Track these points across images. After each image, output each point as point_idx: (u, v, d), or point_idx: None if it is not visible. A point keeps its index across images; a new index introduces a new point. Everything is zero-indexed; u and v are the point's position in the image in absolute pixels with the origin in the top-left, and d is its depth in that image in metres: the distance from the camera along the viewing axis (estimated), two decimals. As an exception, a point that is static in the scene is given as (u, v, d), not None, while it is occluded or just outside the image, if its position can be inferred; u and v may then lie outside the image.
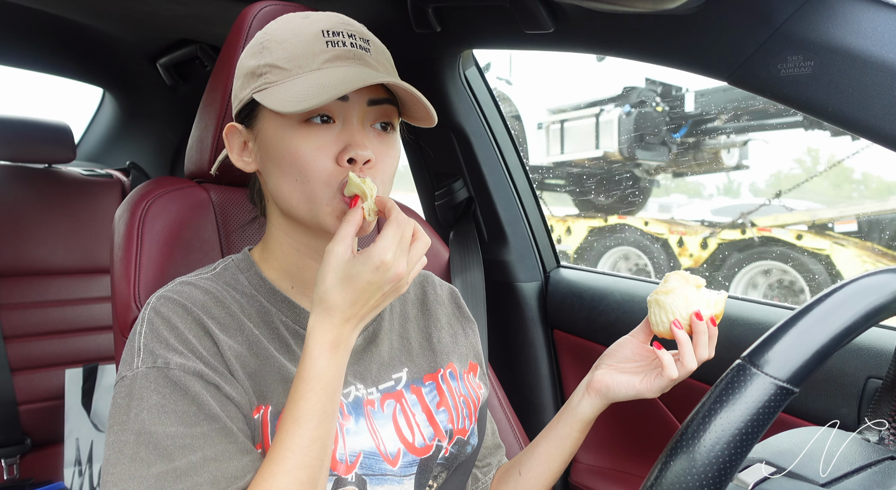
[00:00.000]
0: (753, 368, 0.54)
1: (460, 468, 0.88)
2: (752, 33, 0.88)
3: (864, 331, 0.57)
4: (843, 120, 0.84)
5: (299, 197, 0.74)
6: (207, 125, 0.99)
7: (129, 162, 2.27)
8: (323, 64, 0.73)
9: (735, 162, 5.39)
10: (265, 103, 0.72)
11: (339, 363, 0.69)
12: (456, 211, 1.62)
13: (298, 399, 0.68)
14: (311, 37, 0.74)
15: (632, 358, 0.89)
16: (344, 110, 0.74)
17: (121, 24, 1.93)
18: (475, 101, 1.55)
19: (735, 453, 0.51)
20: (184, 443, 0.66)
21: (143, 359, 0.70)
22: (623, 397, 0.87)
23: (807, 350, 0.54)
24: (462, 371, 0.93)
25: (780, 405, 0.52)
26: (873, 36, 0.79)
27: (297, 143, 0.73)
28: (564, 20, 1.12)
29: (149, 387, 0.68)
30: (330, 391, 0.68)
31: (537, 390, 1.59)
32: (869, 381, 1.04)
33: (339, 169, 0.73)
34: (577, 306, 1.52)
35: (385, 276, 0.67)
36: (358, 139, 0.73)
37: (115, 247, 0.97)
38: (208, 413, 0.68)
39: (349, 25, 0.77)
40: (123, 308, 0.92)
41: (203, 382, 0.70)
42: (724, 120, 5.14)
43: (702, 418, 0.52)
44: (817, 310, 0.57)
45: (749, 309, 1.24)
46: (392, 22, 1.37)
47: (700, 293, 0.84)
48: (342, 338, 0.69)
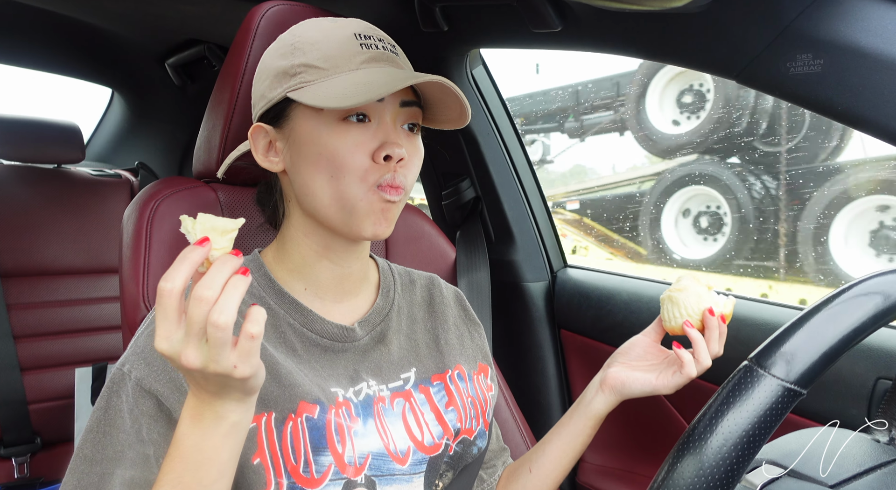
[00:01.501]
0: (761, 370, 0.53)
1: (466, 470, 0.88)
2: (760, 32, 0.88)
3: (874, 332, 0.56)
4: (853, 119, 0.83)
5: (332, 194, 0.75)
6: (215, 125, 0.99)
7: (138, 162, 2.28)
8: (360, 65, 0.75)
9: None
10: (305, 101, 0.73)
11: (205, 434, 0.60)
12: (463, 211, 1.62)
13: (163, 463, 0.63)
14: (345, 39, 0.76)
15: (644, 356, 0.91)
16: (379, 111, 0.76)
17: (129, 24, 1.94)
18: (483, 100, 1.55)
19: (742, 455, 0.50)
20: (114, 451, 0.69)
21: (124, 358, 0.73)
22: (638, 393, 0.89)
23: (815, 351, 0.54)
24: (471, 372, 0.93)
25: (787, 407, 0.52)
26: (883, 34, 0.78)
27: (335, 141, 0.74)
28: (572, 19, 1.12)
29: (112, 387, 0.71)
30: (189, 462, 0.61)
31: (544, 390, 1.59)
32: (878, 381, 1.03)
33: (375, 166, 0.75)
34: (585, 306, 1.52)
35: (176, 364, 0.56)
36: (393, 137, 0.75)
37: (123, 246, 0.97)
38: (138, 436, 0.69)
39: (376, 31, 0.81)
40: (132, 307, 0.92)
41: (153, 402, 0.70)
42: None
43: (709, 420, 0.52)
44: (825, 311, 0.56)
45: (757, 309, 1.23)
46: (399, 21, 1.37)
47: (710, 294, 0.86)
48: (205, 407, 0.60)
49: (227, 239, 0.57)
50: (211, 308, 0.54)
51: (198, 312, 0.54)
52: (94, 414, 0.71)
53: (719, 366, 0.93)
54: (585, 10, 1.08)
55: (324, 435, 0.75)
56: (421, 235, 1.24)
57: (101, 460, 0.68)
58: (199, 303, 0.54)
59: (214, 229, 0.57)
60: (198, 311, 0.54)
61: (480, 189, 1.59)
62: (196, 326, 0.54)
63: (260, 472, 0.71)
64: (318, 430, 0.75)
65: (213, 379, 0.57)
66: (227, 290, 0.55)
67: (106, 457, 0.68)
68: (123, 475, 0.68)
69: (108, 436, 0.69)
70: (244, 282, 0.56)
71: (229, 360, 0.55)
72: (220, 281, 0.55)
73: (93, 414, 0.71)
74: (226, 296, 0.54)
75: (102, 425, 0.70)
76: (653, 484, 0.52)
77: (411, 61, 0.84)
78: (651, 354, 0.91)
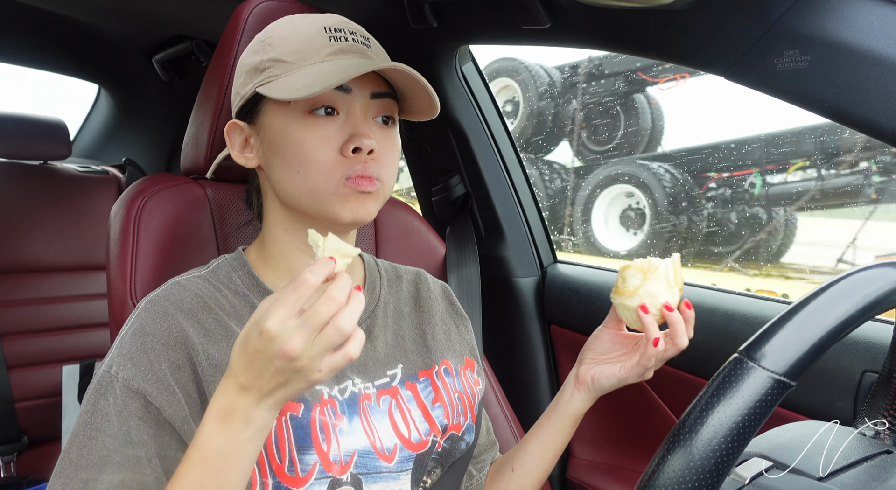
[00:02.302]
0: (750, 362, 0.54)
1: (455, 466, 0.88)
2: (748, 28, 0.88)
3: (861, 324, 0.57)
4: (840, 114, 0.84)
5: (303, 188, 0.75)
6: (203, 121, 0.98)
7: (125, 158, 2.26)
8: (327, 56, 0.75)
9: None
10: (269, 94, 0.73)
11: (230, 437, 0.61)
12: (453, 207, 1.62)
13: (181, 464, 0.63)
14: (314, 32, 0.76)
15: (611, 348, 0.89)
16: (348, 102, 0.75)
17: (116, 19, 1.93)
18: (472, 96, 1.55)
19: (732, 447, 0.51)
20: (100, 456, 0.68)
21: (109, 359, 0.72)
22: (609, 388, 0.88)
23: (804, 344, 0.54)
24: (458, 367, 0.93)
25: (777, 399, 0.52)
26: (869, 30, 0.79)
27: (301, 135, 0.74)
28: (561, 15, 1.12)
29: (99, 390, 0.70)
30: (211, 465, 0.61)
31: (534, 386, 1.59)
32: (865, 374, 1.04)
33: (343, 159, 0.74)
34: (574, 301, 1.52)
35: (269, 347, 0.57)
36: (362, 129, 0.74)
37: (110, 243, 0.97)
38: (127, 438, 0.68)
39: (349, 24, 0.80)
40: (119, 304, 0.92)
41: (141, 402, 0.69)
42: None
43: (699, 412, 0.52)
44: (814, 303, 0.57)
45: (746, 303, 1.24)
46: (388, 18, 1.37)
47: (660, 277, 0.81)
48: (237, 408, 0.61)
49: (343, 262, 0.62)
50: (340, 311, 0.57)
51: (326, 310, 0.57)
52: (80, 417, 0.71)
53: (708, 360, 0.94)
54: (574, 7, 1.08)
55: (308, 433, 0.75)
56: (411, 231, 1.24)
57: (87, 466, 0.68)
58: (331, 302, 0.57)
59: (337, 251, 0.62)
60: (326, 309, 0.57)
61: (470, 185, 1.59)
62: (317, 321, 0.57)
63: None
64: (303, 428, 0.74)
65: (288, 374, 0.58)
66: (353, 301, 0.58)
67: (91, 462, 0.68)
68: (111, 480, 0.67)
69: (94, 440, 0.68)
70: (362, 301, 0.59)
71: (322, 363, 0.58)
72: (347, 290, 0.58)
73: (79, 417, 0.71)
74: (353, 305, 0.58)
75: (88, 429, 0.69)
76: (643, 477, 0.52)
77: (399, 57, 0.84)
78: (618, 344, 0.88)
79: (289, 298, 0.57)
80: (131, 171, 2.22)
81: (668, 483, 0.51)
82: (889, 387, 0.75)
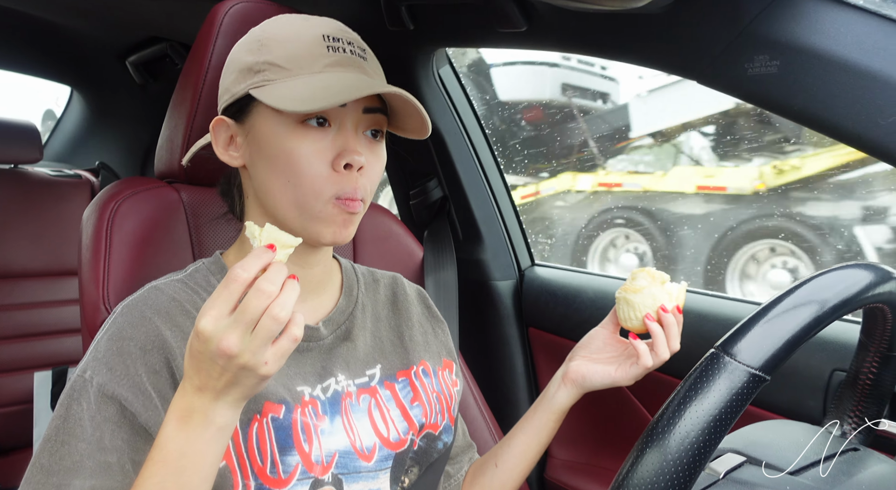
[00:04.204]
0: (727, 357, 0.55)
1: (432, 467, 0.89)
2: (719, 33, 0.90)
3: (831, 322, 0.58)
4: (808, 118, 0.85)
5: (290, 200, 0.74)
6: (178, 124, 0.97)
7: (99, 162, 2.23)
8: (324, 68, 0.74)
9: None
10: (265, 100, 0.72)
11: (191, 438, 0.61)
12: (430, 210, 1.62)
13: (144, 466, 0.62)
14: (312, 40, 0.75)
15: (603, 349, 0.92)
16: (340, 116, 0.75)
17: (88, 21, 1.90)
18: (449, 99, 1.55)
19: (708, 440, 0.52)
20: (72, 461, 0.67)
21: (84, 364, 0.71)
22: (599, 386, 0.90)
23: (778, 339, 0.56)
24: (436, 368, 0.93)
25: (752, 392, 0.54)
26: (836, 36, 0.81)
27: (293, 145, 0.73)
28: (537, 19, 1.13)
29: (72, 395, 0.70)
30: (172, 466, 0.60)
31: (513, 388, 1.60)
32: (834, 373, 1.06)
33: (335, 175, 0.74)
34: (552, 304, 1.53)
35: (207, 347, 0.57)
36: (353, 145, 0.74)
37: (83, 248, 0.95)
38: (100, 444, 0.68)
39: (347, 33, 0.79)
40: (92, 310, 0.90)
41: (116, 408, 0.69)
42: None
43: (677, 405, 0.53)
44: (787, 300, 0.58)
45: (719, 305, 1.26)
46: (365, 19, 1.37)
47: (664, 288, 0.87)
48: (195, 409, 0.60)
49: (283, 253, 0.61)
50: (272, 302, 0.57)
51: (257, 303, 0.56)
52: (52, 422, 0.69)
53: (682, 360, 0.95)
54: (549, 11, 1.09)
55: (290, 435, 0.75)
56: (388, 235, 1.24)
57: (59, 471, 0.67)
58: (261, 295, 0.57)
59: (276, 241, 0.61)
60: (257, 303, 0.56)
61: (448, 188, 1.59)
62: (249, 315, 0.56)
63: (226, 475, 0.71)
64: (284, 429, 0.74)
65: (235, 371, 0.58)
66: (286, 290, 0.58)
67: (63, 467, 0.67)
68: (82, 485, 0.66)
69: (67, 445, 0.67)
70: (297, 287, 0.59)
71: (265, 355, 0.58)
72: (280, 280, 0.58)
73: (51, 422, 0.70)
74: (286, 294, 0.58)
75: (61, 434, 0.68)
76: (621, 470, 0.53)
77: (378, 60, 0.84)
78: (610, 346, 0.92)
79: (220, 296, 0.57)
80: (105, 174, 2.18)
81: (645, 476, 0.51)
82: (855, 388, 0.77)
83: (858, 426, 0.77)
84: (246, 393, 0.61)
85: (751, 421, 0.79)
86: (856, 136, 0.81)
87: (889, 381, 0.75)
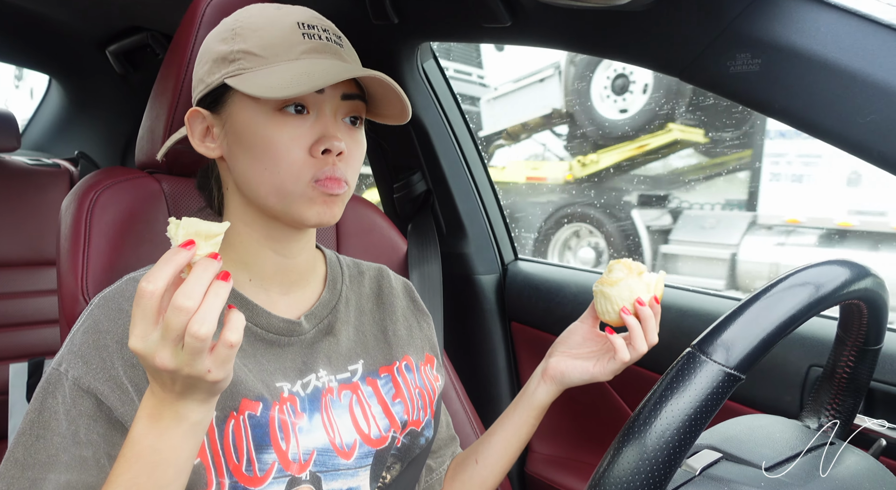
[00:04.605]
0: (703, 356, 0.55)
1: (414, 461, 0.89)
2: (701, 31, 0.90)
3: (806, 321, 0.59)
4: (789, 116, 0.86)
5: (269, 187, 0.74)
6: (159, 114, 0.96)
7: (78, 152, 2.20)
8: (300, 55, 0.73)
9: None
10: (242, 88, 0.71)
11: (163, 434, 0.60)
12: (414, 204, 1.62)
13: (115, 463, 0.62)
14: (287, 27, 0.74)
15: (583, 344, 0.92)
16: (319, 102, 0.74)
17: (68, 9, 1.87)
18: (433, 93, 1.55)
19: (684, 438, 0.52)
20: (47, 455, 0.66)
21: (59, 357, 0.71)
22: (578, 382, 0.90)
23: (753, 339, 0.56)
24: (419, 363, 0.93)
25: (727, 391, 0.54)
26: (816, 35, 0.81)
27: (271, 132, 0.72)
28: (522, 14, 1.13)
29: (47, 388, 0.69)
30: (145, 463, 0.60)
31: (495, 382, 1.61)
32: (811, 369, 1.08)
33: (312, 160, 0.73)
34: (535, 298, 1.54)
35: (146, 363, 0.56)
36: (332, 131, 0.74)
37: (61, 238, 0.94)
38: (75, 438, 0.67)
39: (322, 20, 0.78)
40: (70, 301, 0.89)
41: (92, 401, 0.68)
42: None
43: (654, 404, 0.54)
44: (763, 300, 0.59)
45: (699, 300, 1.27)
46: (350, 13, 1.36)
47: (642, 279, 0.86)
48: (164, 406, 0.60)
49: (211, 244, 0.57)
50: (191, 318, 0.54)
51: (177, 321, 0.53)
52: (27, 415, 0.69)
53: (663, 355, 0.96)
54: (534, 7, 1.09)
55: (267, 432, 0.74)
56: (372, 228, 1.24)
57: (34, 465, 0.66)
58: (179, 312, 0.53)
59: (199, 234, 0.56)
60: (177, 320, 0.53)
61: (431, 182, 1.59)
62: (173, 333, 0.54)
63: (200, 472, 0.70)
64: (262, 427, 0.74)
65: (183, 380, 0.57)
66: (208, 298, 0.55)
67: (38, 461, 0.66)
68: (58, 480, 0.65)
69: (42, 439, 0.67)
70: (226, 288, 0.56)
71: (204, 365, 0.56)
72: (200, 289, 0.54)
73: (26, 415, 0.69)
74: (206, 305, 0.54)
75: (36, 428, 0.67)
76: (599, 468, 0.54)
77: (361, 54, 0.83)
78: (590, 341, 0.92)
79: (136, 315, 0.55)
80: (84, 164, 2.16)
81: (622, 473, 0.52)
82: (832, 382, 0.78)
83: (835, 421, 0.78)
84: (209, 394, 0.60)
85: (728, 416, 0.80)
86: (835, 133, 0.82)
87: (865, 375, 0.76)
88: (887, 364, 1.00)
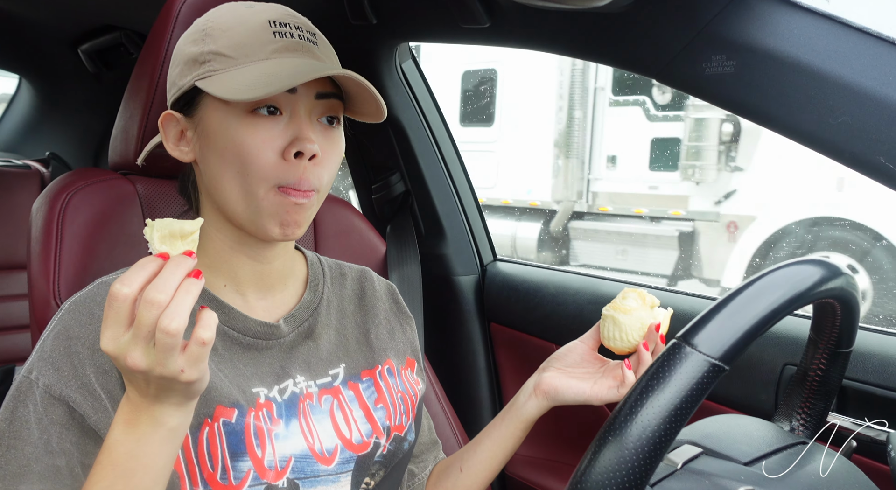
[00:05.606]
0: (688, 347, 0.56)
1: (397, 466, 0.88)
2: (678, 32, 0.91)
3: (786, 315, 0.60)
4: (763, 117, 0.87)
5: (238, 191, 0.72)
6: (133, 115, 0.95)
7: (49, 152, 2.16)
8: (271, 54, 0.72)
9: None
10: (210, 91, 0.69)
11: (140, 440, 0.59)
12: (393, 204, 1.62)
13: (91, 470, 0.61)
14: (258, 26, 0.72)
15: (580, 364, 0.89)
16: (292, 103, 0.72)
17: (38, 7, 1.84)
18: (412, 94, 1.55)
19: (668, 429, 0.53)
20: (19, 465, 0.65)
21: (29, 364, 0.69)
22: (571, 401, 0.87)
23: (737, 330, 0.57)
24: (400, 367, 0.92)
25: (711, 382, 0.55)
26: (790, 37, 0.83)
27: (243, 135, 0.70)
28: (500, 15, 1.13)
29: (18, 396, 0.67)
30: (122, 470, 0.59)
31: (475, 384, 1.61)
32: (786, 367, 1.09)
33: (283, 163, 0.71)
34: (514, 299, 1.54)
35: (119, 364, 0.56)
36: (305, 133, 0.71)
37: (32, 241, 0.92)
38: (47, 447, 0.66)
39: (295, 17, 0.76)
40: (41, 306, 0.88)
41: (64, 409, 0.67)
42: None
43: (638, 395, 0.54)
44: (746, 293, 0.60)
45: (679, 300, 1.28)
46: (328, 12, 1.35)
47: (653, 313, 0.85)
48: (141, 411, 0.59)
49: (188, 242, 0.57)
50: (162, 312, 0.53)
51: (148, 316, 0.53)
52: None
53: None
54: (512, 7, 1.09)
55: (242, 439, 0.73)
56: (351, 229, 1.23)
57: (5, 476, 0.64)
58: (150, 306, 0.53)
59: (173, 234, 0.57)
60: (148, 315, 0.53)
61: (410, 183, 1.59)
62: (145, 329, 0.54)
63: (174, 481, 0.68)
64: (237, 434, 0.72)
65: (157, 382, 0.56)
66: (179, 294, 0.54)
67: (10, 472, 0.64)
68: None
69: (13, 449, 0.65)
70: (197, 285, 0.55)
71: (177, 364, 0.55)
72: (172, 284, 0.54)
73: None
74: (178, 300, 0.54)
75: (7, 438, 0.66)
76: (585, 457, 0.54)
77: (340, 54, 0.82)
78: (587, 362, 0.89)
79: (107, 317, 0.55)
80: (56, 165, 2.12)
81: (605, 467, 0.52)
82: (804, 384, 0.80)
83: (807, 421, 0.79)
84: (185, 396, 0.59)
85: (706, 414, 0.81)
86: (808, 134, 0.83)
87: (836, 377, 0.78)
88: (859, 363, 1.02)
